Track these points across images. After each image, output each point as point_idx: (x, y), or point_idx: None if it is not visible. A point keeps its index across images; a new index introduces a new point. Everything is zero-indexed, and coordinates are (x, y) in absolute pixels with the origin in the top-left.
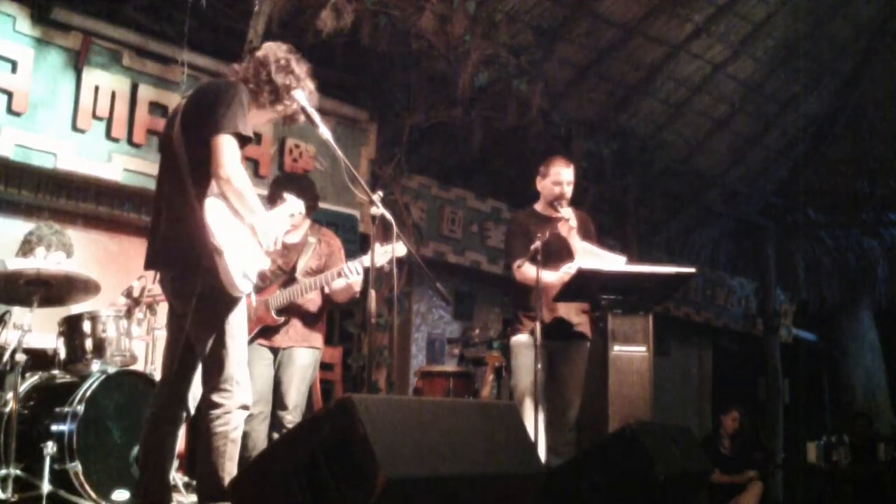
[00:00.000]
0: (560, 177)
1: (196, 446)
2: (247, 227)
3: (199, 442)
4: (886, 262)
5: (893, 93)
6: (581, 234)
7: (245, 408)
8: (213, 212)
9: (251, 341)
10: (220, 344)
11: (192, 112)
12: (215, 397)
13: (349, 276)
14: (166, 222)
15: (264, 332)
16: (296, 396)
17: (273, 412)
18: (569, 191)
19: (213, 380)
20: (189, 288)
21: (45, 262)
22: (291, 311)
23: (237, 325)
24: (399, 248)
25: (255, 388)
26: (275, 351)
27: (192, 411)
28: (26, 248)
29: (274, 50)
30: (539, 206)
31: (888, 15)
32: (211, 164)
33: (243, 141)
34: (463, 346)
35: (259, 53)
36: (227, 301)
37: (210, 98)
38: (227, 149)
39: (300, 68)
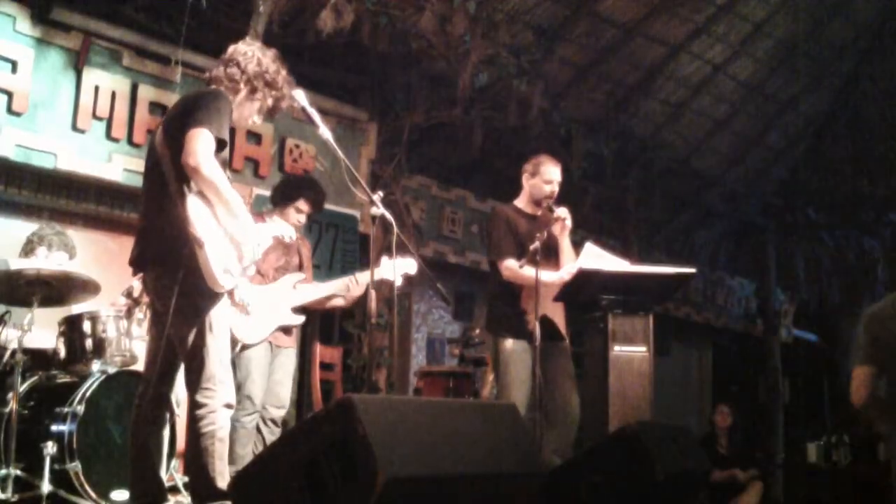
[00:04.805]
0: (550, 175)
1: None
2: (226, 231)
3: (187, 444)
4: (886, 262)
5: (893, 93)
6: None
7: (229, 406)
8: (195, 206)
9: (265, 339)
10: (201, 341)
11: (175, 114)
12: (199, 397)
13: (355, 287)
14: (147, 219)
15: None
16: (289, 394)
17: (262, 409)
18: (557, 189)
19: (196, 379)
20: (170, 288)
21: (47, 261)
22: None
23: (218, 323)
24: (410, 265)
25: (261, 386)
26: (273, 349)
27: (177, 412)
28: (28, 248)
29: (240, 49)
30: (522, 203)
31: (888, 15)
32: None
33: (219, 145)
34: (463, 346)
35: (227, 54)
36: (208, 296)
37: (191, 101)
38: (199, 140)
39: (267, 57)
